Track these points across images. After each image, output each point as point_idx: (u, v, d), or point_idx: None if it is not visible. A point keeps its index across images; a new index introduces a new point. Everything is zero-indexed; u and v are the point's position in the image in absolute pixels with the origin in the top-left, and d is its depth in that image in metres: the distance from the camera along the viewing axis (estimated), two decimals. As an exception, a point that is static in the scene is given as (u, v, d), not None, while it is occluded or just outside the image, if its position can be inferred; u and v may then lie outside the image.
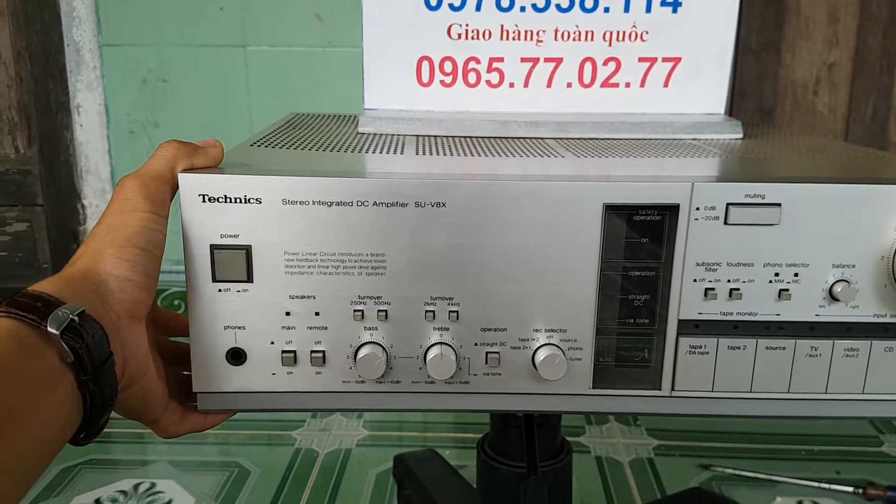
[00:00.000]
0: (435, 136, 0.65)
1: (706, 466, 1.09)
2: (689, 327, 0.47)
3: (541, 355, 0.47)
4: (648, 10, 0.68)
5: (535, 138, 0.66)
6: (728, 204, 0.45)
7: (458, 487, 0.89)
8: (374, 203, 0.44)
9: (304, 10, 1.40)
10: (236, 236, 0.43)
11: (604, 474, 1.09)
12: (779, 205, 0.45)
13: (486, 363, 0.47)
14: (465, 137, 0.65)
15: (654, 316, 0.47)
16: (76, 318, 0.36)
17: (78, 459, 1.10)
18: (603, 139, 0.66)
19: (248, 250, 0.43)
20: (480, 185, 0.44)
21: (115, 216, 0.42)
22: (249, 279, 0.44)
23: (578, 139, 0.65)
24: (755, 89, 1.44)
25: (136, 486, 1.04)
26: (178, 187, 0.43)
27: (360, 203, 0.43)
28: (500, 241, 0.45)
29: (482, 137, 0.65)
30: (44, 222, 1.53)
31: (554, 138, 0.66)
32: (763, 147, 0.64)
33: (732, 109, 1.43)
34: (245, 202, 0.42)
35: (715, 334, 0.47)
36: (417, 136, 0.64)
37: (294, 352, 0.46)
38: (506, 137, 0.66)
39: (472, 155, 0.56)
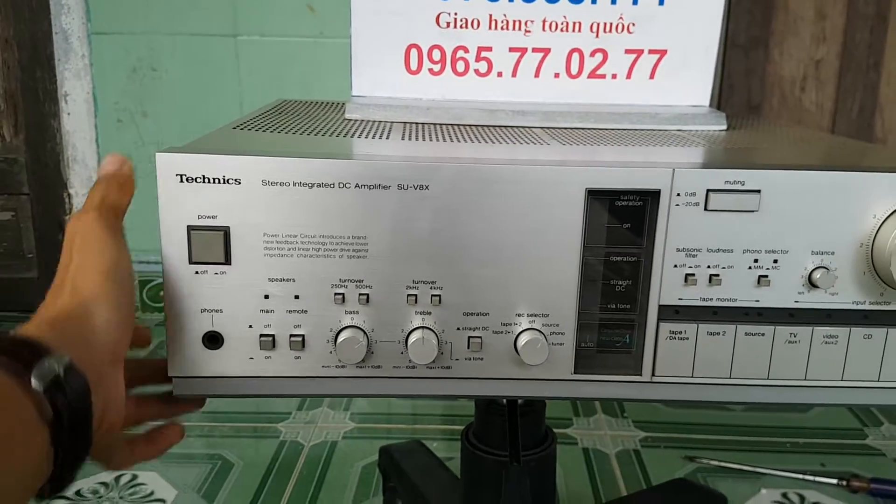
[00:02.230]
0: (422, 123, 0.65)
1: (692, 458, 1.10)
2: (670, 313, 0.47)
3: (523, 340, 0.47)
4: (635, 2, 0.68)
5: (522, 127, 0.66)
6: (708, 190, 0.45)
7: (444, 479, 0.90)
8: (356, 185, 0.44)
9: (297, 0, 1.39)
10: (214, 217, 0.43)
11: (590, 465, 1.09)
12: (758, 191, 0.45)
13: (469, 348, 0.47)
14: (452, 125, 0.65)
15: (635, 301, 0.47)
16: (61, 371, 0.35)
17: (63, 448, 1.10)
18: (589, 129, 0.66)
19: (226, 231, 0.43)
20: (463, 168, 0.44)
21: (84, 253, 0.40)
22: (227, 261, 0.44)
23: (565, 129, 0.65)
24: (743, 84, 1.45)
25: (117, 478, 1.03)
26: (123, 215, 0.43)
27: (341, 185, 0.43)
28: (482, 225, 0.45)
29: (469, 125, 0.65)
30: (29, 211, 1.52)
31: (541, 127, 0.66)
32: (746, 137, 0.64)
33: (720, 104, 1.43)
34: (223, 182, 0.42)
35: (695, 320, 0.47)
36: (405, 122, 0.64)
37: (273, 336, 0.46)
38: (493, 126, 0.66)
39: (458, 141, 0.56)
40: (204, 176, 0.42)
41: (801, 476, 1.04)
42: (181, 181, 0.42)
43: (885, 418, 1.22)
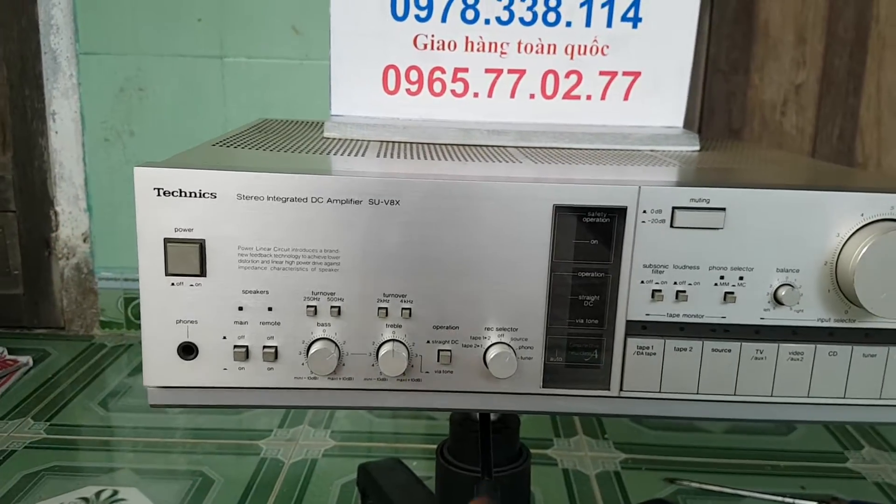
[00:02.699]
0: (399, 142, 0.65)
1: (672, 480, 1.10)
2: (637, 328, 0.48)
3: (492, 353, 0.47)
4: (609, 24, 0.70)
5: (497, 146, 0.67)
6: (674, 208, 0.46)
7: (421, 496, 0.89)
8: (329, 200, 0.44)
9: (282, 23, 1.41)
10: (190, 230, 0.44)
11: (570, 487, 1.09)
12: (723, 209, 0.46)
13: (438, 361, 0.48)
14: (428, 144, 0.66)
15: (603, 317, 0.48)
16: None
17: (41, 466, 1.09)
18: (563, 148, 0.67)
19: (201, 244, 0.44)
20: (434, 183, 0.45)
21: None
22: (202, 273, 0.44)
23: (539, 148, 0.66)
24: (724, 109, 1.47)
25: (98, 494, 1.03)
26: None
27: (314, 199, 0.44)
28: (453, 239, 0.46)
29: (445, 144, 0.66)
30: (16, 228, 1.52)
31: (515, 147, 0.67)
32: (718, 158, 0.65)
33: (701, 128, 1.45)
34: (200, 196, 0.43)
35: (662, 335, 0.48)
36: (381, 141, 0.65)
37: (246, 347, 0.46)
38: (468, 145, 0.67)
39: (433, 159, 0.56)
40: (181, 190, 0.43)
41: (781, 498, 1.04)
42: (158, 195, 0.43)
43: (866, 441, 1.23)
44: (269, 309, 0.46)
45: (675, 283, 0.47)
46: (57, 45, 1.44)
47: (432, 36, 0.69)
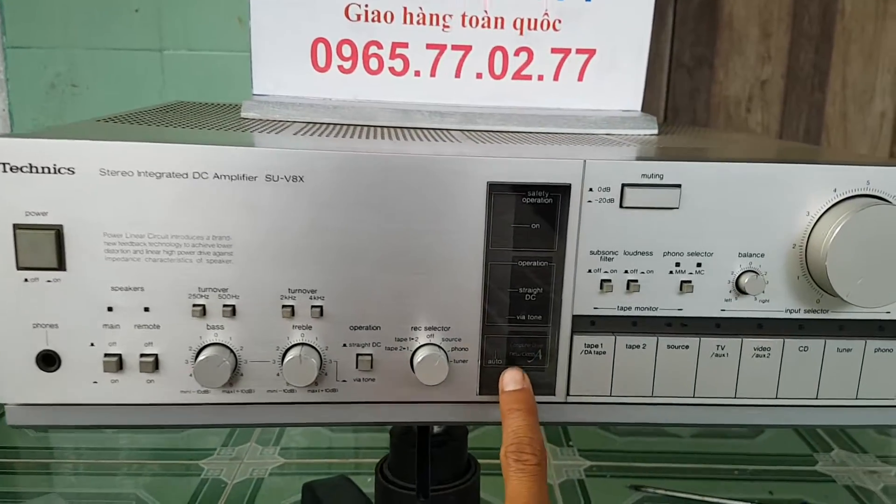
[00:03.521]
0: (327, 124, 0.59)
1: (638, 487, 1.05)
2: (584, 324, 0.42)
3: (419, 356, 0.41)
4: (560, -4, 0.64)
5: (440, 129, 0.60)
6: (623, 185, 0.40)
7: (367, 515, 0.82)
8: (216, 175, 0.38)
9: (225, 13, 1.34)
10: (44, 214, 0.37)
11: (531, 499, 1.02)
12: (678, 186, 0.40)
13: (357, 367, 0.41)
14: (361, 126, 0.59)
15: (547, 312, 0.42)
16: None
17: (-43, 490, 1.01)
18: (512, 132, 0.61)
19: (58, 231, 0.37)
20: (345, 157, 0.39)
21: None
22: (61, 266, 0.37)
23: (486, 131, 0.60)
24: (688, 106, 1.42)
25: (22, 519, 0.94)
26: None
27: (196, 175, 0.37)
28: (370, 224, 0.40)
29: (381, 126, 0.60)
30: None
31: (460, 129, 0.61)
32: (677, 140, 0.60)
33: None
34: (55, 172, 0.36)
35: (612, 331, 0.42)
36: (307, 122, 0.59)
37: (119, 355, 0.39)
38: (408, 128, 0.60)
39: (361, 139, 0.50)
40: (31, 164, 0.36)
41: (749, 505, 0.99)
42: (4, 171, 0.36)
43: (836, 443, 1.19)
44: (146, 309, 0.39)
45: (626, 271, 0.41)
46: (-15, 38, 1.35)
47: (366, 6, 0.62)
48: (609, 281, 0.41)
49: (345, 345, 0.41)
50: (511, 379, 0.41)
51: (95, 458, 1.11)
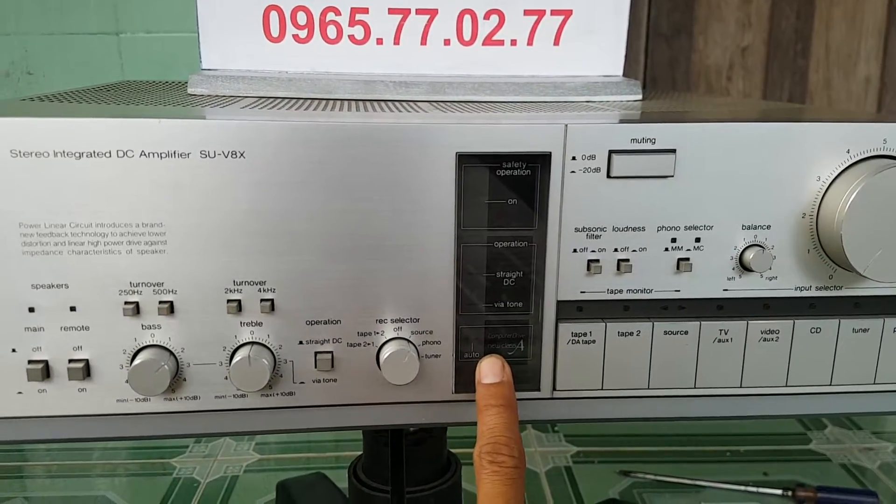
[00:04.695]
0: (282, 98, 0.54)
1: (627, 473, 1.01)
2: (571, 310, 0.37)
3: (386, 353, 0.36)
4: (533, -48, 0.59)
5: (406, 101, 0.55)
6: (611, 151, 0.35)
7: (345, 515, 0.78)
8: (143, 153, 0.32)
9: (183, -8, 1.27)
10: (-57, 202, 0.31)
11: (518, 488, 0.99)
12: (673, 151, 0.35)
13: (316, 367, 0.37)
14: (320, 100, 0.54)
15: (528, 298, 0.37)
16: None
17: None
18: (484, 102, 0.56)
19: (-40, 221, 0.32)
20: (292, 128, 0.34)
21: None
22: (-33, 262, 0.32)
23: (456, 101, 0.55)
24: (667, 75, 1.38)
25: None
26: None
27: (121, 153, 0.32)
28: (324, 203, 0.35)
29: (342, 100, 0.55)
30: None
31: (427, 101, 0.56)
32: (664, 104, 0.55)
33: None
34: (-49, 154, 0.31)
35: (602, 318, 0.37)
36: (260, 97, 0.53)
37: (45, 362, 0.34)
38: (370, 100, 0.55)
39: (317, 112, 0.45)
40: (-77, 146, 0.31)
41: (743, 488, 0.96)
42: None
43: (830, 421, 1.16)
44: (72, 309, 0.34)
45: (616, 249, 0.36)
46: (-72, 24, 1.28)
47: (321, -31, 0.57)
48: (597, 261, 0.36)
49: (301, 342, 0.36)
50: (489, 369, 0.37)
51: (63, 459, 1.06)
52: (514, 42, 0.61)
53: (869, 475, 1.01)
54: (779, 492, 0.95)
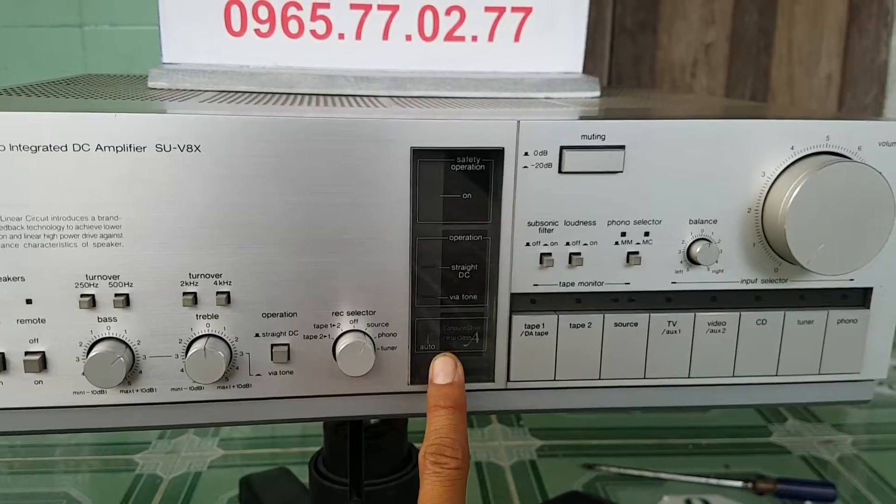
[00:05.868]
0: (243, 92, 0.54)
1: (591, 466, 1.02)
2: (524, 303, 0.38)
3: (342, 345, 0.37)
4: (493, -51, 0.59)
5: (367, 96, 0.56)
6: (562, 147, 0.36)
7: (309, 509, 0.78)
8: (98, 147, 0.33)
9: (148, -15, 1.26)
10: None
11: (483, 482, 1.00)
12: (622, 147, 0.36)
13: (273, 359, 0.37)
14: (281, 94, 0.54)
15: (483, 290, 0.38)
16: None
17: None
18: (445, 97, 0.56)
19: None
20: (247, 122, 0.34)
21: None
22: (-80, 255, 0.32)
23: (417, 97, 0.56)
24: (632, 73, 1.40)
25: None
26: None
27: (77, 147, 0.32)
28: (281, 197, 0.35)
29: (303, 94, 0.55)
30: None
31: (389, 96, 0.56)
32: (621, 102, 0.56)
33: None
34: None
35: (554, 310, 0.38)
36: (220, 91, 0.53)
37: (1, 354, 0.34)
38: (332, 94, 0.55)
39: (277, 106, 0.45)
40: None
41: (704, 480, 0.98)
42: None
43: (790, 414, 1.18)
44: (28, 301, 0.34)
45: (568, 243, 0.37)
46: None
47: (282, -35, 0.57)
48: (549, 254, 0.37)
49: (257, 335, 0.37)
50: (441, 369, 0.37)
51: (25, 455, 1.05)
52: (475, 38, 0.62)
53: (829, 467, 1.04)
54: (739, 484, 0.96)
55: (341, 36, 0.60)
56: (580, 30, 0.63)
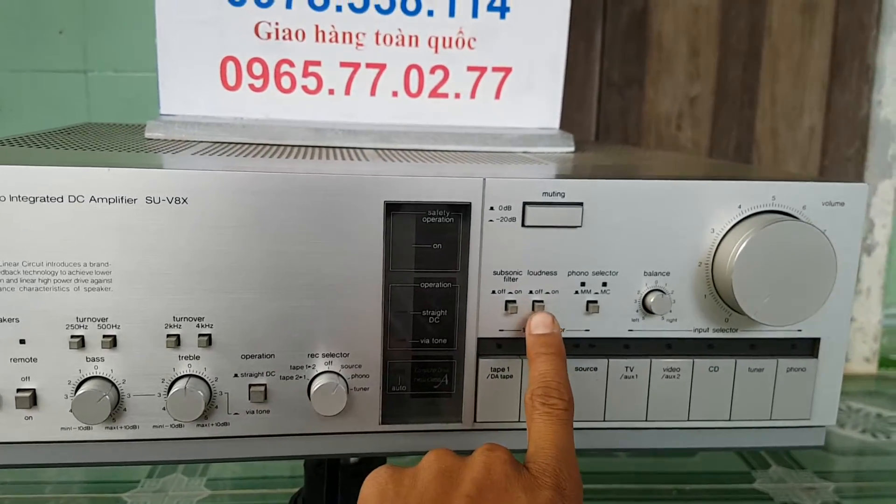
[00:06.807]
0: (236, 143, 0.57)
1: (574, 511, 1.03)
2: (490, 347, 0.40)
3: (316, 385, 0.39)
4: (475, 14, 0.63)
5: (354, 148, 0.59)
6: (525, 203, 0.39)
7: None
8: (92, 199, 0.35)
9: (152, 34, 1.30)
10: None
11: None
12: (580, 204, 0.39)
13: (250, 399, 0.39)
14: (272, 146, 0.57)
15: (451, 335, 0.40)
16: None
17: None
18: (428, 151, 0.59)
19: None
20: (231, 177, 0.37)
21: None
22: (-77, 297, 0.35)
23: (401, 150, 0.59)
24: (619, 124, 1.43)
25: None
26: None
27: (72, 198, 0.35)
28: (262, 245, 0.37)
29: (293, 146, 0.58)
30: None
31: (374, 148, 0.59)
32: (592, 157, 0.59)
33: (596, 140, 1.41)
34: None
35: (519, 354, 0.40)
36: (214, 142, 0.56)
37: (-6, 390, 0.36)
38: (320, 147, 0.59)
39: (269, 158, 0.48)
40: None
41: (686, 525, 0.98)
42: None
43: (773, 460, 1.19)
44: (22, 341, 0.36)
45: (531, 291, 0.40)
46: None
47: (276, 24, 0.61)
48: (514, 302, 0.40)
49: (236, 375, 0.39)
50: (541, 322, 0.39)
51: (16, 492, 1.06)
52: (458, 95, 0.65)
53: (810, 513, 1.04)
54: (720, 529, 0.97)
55: (331, 91, 0.63)
56: (557, 88, 0.66)
